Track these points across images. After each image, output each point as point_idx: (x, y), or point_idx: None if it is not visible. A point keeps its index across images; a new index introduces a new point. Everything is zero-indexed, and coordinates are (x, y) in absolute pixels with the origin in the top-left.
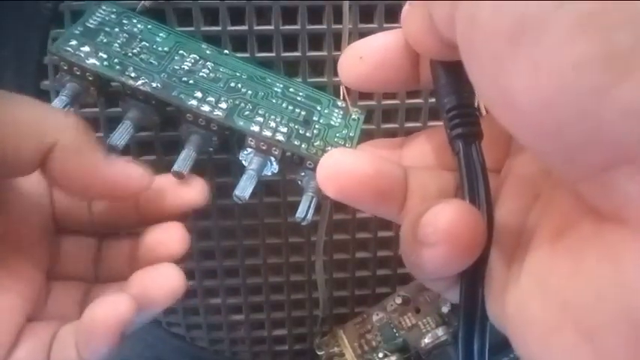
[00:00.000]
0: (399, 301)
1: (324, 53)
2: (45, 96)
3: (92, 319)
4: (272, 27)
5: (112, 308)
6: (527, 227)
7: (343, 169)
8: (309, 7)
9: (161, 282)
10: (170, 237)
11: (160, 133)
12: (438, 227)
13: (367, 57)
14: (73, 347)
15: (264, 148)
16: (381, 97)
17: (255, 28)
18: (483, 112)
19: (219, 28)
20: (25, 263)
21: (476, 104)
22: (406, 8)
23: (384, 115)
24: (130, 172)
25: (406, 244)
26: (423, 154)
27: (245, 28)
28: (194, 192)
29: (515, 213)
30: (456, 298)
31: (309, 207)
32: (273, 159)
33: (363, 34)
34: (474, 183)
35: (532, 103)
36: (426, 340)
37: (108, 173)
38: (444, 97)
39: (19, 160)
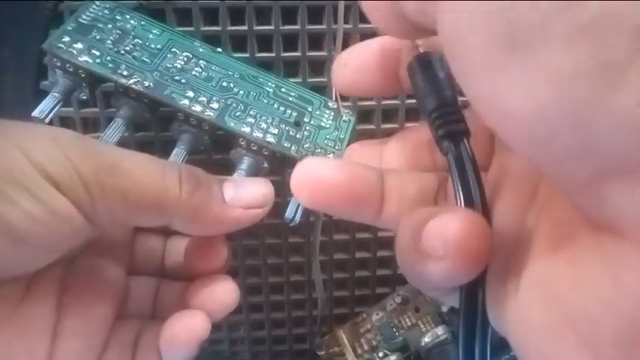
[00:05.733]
0: (398, 300)
1: (324, 53)
2: (44, 96)
3: (172, 336)
4: (272, 27)
5: (188, 328)
6: (525, 230)
7: (313, 177)
8: (309, 7)
9: (219, 296)
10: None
11: (160, 133)
12: (448, 240)
13: (349, 64)
14: (155, 353)
15: (254, 148)
16: (381, 97)
17: (255, 28)
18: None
19: (219, 28)
20: (114, 263)
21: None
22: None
23: (384, 115)
24: (250, 203)
25: (407, 253)
26: (401, 154)
27: (245, 28)
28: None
29: (511, 213)
30: (455, 303)
31: (297, 208)
32: (263, 159)
33: (363, 34)
34: (468, 184)
35: (525, 111)
36: (426, 339)
37: (229, 219)
38: (425, 99)
39: (138, 223)
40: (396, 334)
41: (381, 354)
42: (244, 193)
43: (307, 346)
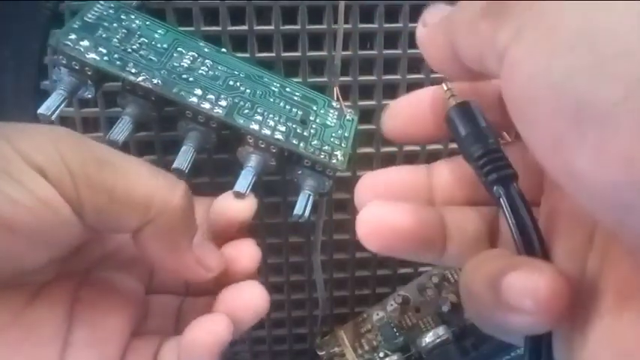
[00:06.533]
0: (399, 300)
1: (324, 53)
2: (45, 96)
3: (192, 340)
4: (272, 27)
5: (209, 330)
6: (588, 276)
7: (384, 224)
8: (309, 7)
9: (247, 301)
10: (242, 254)
11: (161, 133)
12: (540, 299)
13: (399, 114)
14: None
15: (262, 146)
16: (380, 97)
17: (255, 28)
18: (507, 137)
19: (219, 28)
20: (130, 279)
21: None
22: (421, 31)
23: None
24: (206, 263)
25: (482, 303)
26: (453, 188)
27: (245, 28)
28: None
29: (571, 258)
30: (515, 341)
31: (306, 204)
32: (270, 157)
33: (363, 34)
34: (527, 230)
35: (598, 182)
36: (427, 340)
37: (185, 260)
38: (469, 147)
39: (122, 224)
40: (397, 334)
41: (381, 354)
42: (209, 255)
43: (307, 346)
